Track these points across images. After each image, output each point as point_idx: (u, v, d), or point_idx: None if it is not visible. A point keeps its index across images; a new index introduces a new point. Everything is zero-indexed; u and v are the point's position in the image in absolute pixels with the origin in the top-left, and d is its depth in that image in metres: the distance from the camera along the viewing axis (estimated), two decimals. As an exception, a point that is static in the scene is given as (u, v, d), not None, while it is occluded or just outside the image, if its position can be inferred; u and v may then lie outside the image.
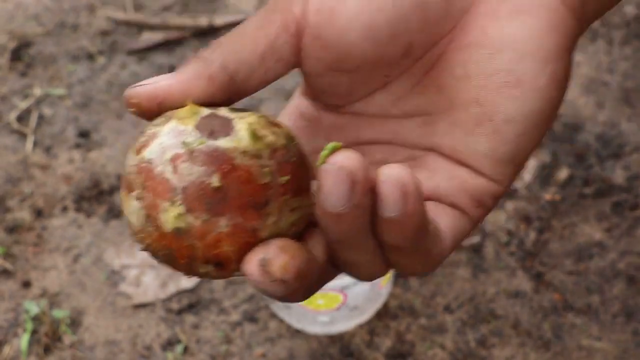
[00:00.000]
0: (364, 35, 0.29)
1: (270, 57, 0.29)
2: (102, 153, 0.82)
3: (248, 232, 0.26)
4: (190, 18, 0.94)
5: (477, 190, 0.30)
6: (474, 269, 0.70)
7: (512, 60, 0.29)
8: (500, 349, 0.65)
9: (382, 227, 0.26)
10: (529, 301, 0.68)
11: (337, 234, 0.26)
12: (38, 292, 0.71)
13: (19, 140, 0.83)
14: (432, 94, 0.31)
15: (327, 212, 0.25)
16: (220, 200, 0.25)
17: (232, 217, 0.26)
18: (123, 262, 0.73)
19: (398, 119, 0.31)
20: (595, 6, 0.31)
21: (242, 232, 0.26)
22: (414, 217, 0.25)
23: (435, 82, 0.31)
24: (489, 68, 0.29)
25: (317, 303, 0.57)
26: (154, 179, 0.26)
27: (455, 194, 0.30)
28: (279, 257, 0.25)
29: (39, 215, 0.77)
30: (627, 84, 0.83)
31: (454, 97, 0.30)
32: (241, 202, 0.26)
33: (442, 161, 0.30)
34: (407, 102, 0.31)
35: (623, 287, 0.68)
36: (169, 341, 0.67)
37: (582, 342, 0.65)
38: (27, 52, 0.92)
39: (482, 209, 0.30)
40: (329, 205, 0.25)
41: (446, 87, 0.30)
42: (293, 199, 0.27)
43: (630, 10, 0.90)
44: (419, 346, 0.65)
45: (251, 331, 0.67)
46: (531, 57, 0.29)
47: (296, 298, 0.27)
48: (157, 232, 0.26)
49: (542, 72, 0.29)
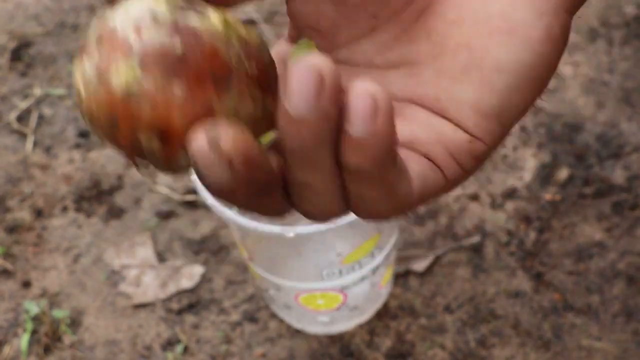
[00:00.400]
0: None
1: None
2: (102, 153, 0.82)
3: (202, 105, 0.24)
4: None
5: (456, 146, 0.28)
6: (474, 269, 0.70)
7: (507, 7, 0.28)
8: (500, 349, 0.65)
9: (346, 145, 0.23)
10: (529, 301, 0.68)
11: (295, 143, 0.23)
12: (38, 292, 0.71)
13: (19, 140, 0.83)
14: (421, 41, 0.29)
15: (289, 114, 0.23)
16: (179, 66, 0.24)
17: (189, 87, 0.24)
18: (123, 262, 0.73)
19: (382, 70, 0.30)
20: None
21: (196, 103, 0.24)
22: (382, 137, 0.23)
23: (425, 28, 0.29)
24: (482, 13, 0.28)
25: (317, 303, 0.57)
26: (113, 41, 0.24)
27: (431, 145, 0.28)
28: (230, 135, 0.23)
29: (39, 215, 0.77)
30: (627, 83, 0.83)
31: (442, 43, 0.29)
32: (200, 73, 0.24)
33: (422, 112, 0.29)
34: (393, 51, 0.30)
35: (623, 287, 0.68)
36: (169, 341, 0.67)
37: (582, 342, 0.65)
38: (27, 52, 0.92)
39: (458, 168, 0.28)
40: (291, 107, 0.23)
41: (436, 32, 0.29)
42: (256, 90, 0.25)
43: (630, 10, 0.90)
44: (419, 346, 0.65)
45: (251, 331, 0.67)
46: (526, 6, 0.28)
47: (236, 198, 0.25)
48: (105, 95, 0.24)
49: (537, 23, 0.28)
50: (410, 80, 0.29)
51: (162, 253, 0.73)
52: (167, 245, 0.74)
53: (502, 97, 0.28)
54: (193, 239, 0.74)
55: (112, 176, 0.80)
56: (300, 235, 0.46)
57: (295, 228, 0.47)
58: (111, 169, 0.80)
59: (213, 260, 0.72)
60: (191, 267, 0.72)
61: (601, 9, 0.90)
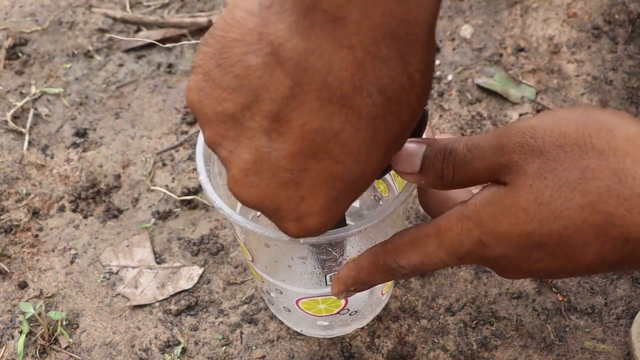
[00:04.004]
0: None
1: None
2: (99, 152, 0.81)
3: None
4: (189, 16, 0.93)
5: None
6: (476, 270, 0.69)
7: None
8: (503, 350, 0.64)
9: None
10: (532, 303, 0.67)
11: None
12: (34, 293, 0.71)
13: (15, 140, 0.83)
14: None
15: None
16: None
17: None
18: (120, 263, 0.72)
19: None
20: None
21: None
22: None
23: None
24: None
25: (319, 308, 0.57)
26: None
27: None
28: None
29: (35, 215, 0.76)
30: (632, 82, 0.82)
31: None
32: None
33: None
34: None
35: (627, 288, 0.67)
36: (168, 343, 0.66)
37: (585, 344, 0.64)
38: (23, 50, 0.92)
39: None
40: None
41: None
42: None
43: (635, 8, 0.89)
44: (420, 348, 0.65)
45: (250, 333, 0.67)
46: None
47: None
48: None
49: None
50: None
51: (160, 254, 0.73)
52: (166, 246, 0.73)
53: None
54: (191, 240, 0.73)
55: (110, 176, 0.79)
56: (309, 241, 0.45)
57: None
58: (108, 168, 0.79)
59: (212, 261, 0.71)
60: (190, 268, 0.71)
61: (605, 6, 0.90)
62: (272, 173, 0.36)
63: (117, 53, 0.90)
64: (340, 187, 0.36)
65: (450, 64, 0.86)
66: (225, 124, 0.36)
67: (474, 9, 0.91)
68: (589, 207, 0.34)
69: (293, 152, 0.35)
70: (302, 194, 0.36)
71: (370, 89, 0.33)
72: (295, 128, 0.34)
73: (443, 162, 0.39)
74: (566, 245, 0.35)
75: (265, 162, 0.35)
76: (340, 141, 0.34)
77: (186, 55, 0.90)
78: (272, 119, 0.34)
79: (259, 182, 0.36)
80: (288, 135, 0.34)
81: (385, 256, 0.42)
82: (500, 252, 0.37)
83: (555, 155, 0.35)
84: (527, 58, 0.86)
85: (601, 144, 0.34)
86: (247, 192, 0.37)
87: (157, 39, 0.91)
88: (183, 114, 0.84)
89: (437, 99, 0.83)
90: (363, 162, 0.35)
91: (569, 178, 0.34)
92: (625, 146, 0.34)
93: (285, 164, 0.35)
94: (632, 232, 0.34)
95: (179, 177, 0.78)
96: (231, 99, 0.35)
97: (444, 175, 0.39)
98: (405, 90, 0.33)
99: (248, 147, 0.36)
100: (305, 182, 0.36)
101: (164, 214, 0.75)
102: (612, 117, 0.35)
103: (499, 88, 0.83)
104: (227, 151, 0.37)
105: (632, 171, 0.33)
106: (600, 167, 0.34)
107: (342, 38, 0.32)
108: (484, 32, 0.89)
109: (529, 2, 0.91)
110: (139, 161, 0.80)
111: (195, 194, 0.77)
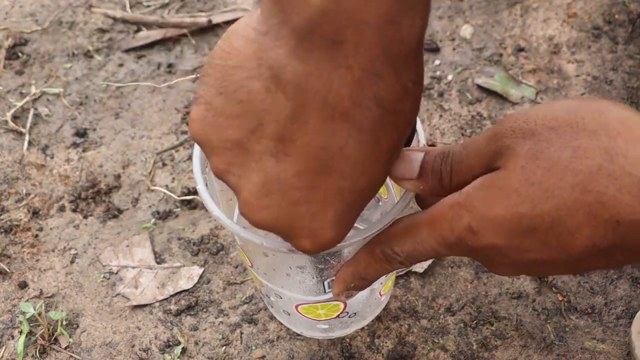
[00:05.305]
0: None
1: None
2: (99, 152, 0.81)
3: None
4: (189, 16, 0.93)
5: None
6: (476, 269, 0.69)
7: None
8: (503, 351, 0.64)
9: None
10: (532, 303, 0.67)
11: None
12: (34, 293, 0.71)
13: (15, 140, 0.83)
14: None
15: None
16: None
17: None
18: (120, 263, 0.72)
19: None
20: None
21: None
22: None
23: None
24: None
25: (318, 313, 0.57)
26: None
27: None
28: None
29: (35, 215, 0.76)
30: (632, 82, 0.82)
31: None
32: None
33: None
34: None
35: (627, 288, 0.67)
36: (168, 343, 0.66)
37: (585, 344, 0.64)
38: (23, 50, 0.92)
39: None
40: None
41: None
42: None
43: (635, 8, 0.89)
44: (420, 348, 0.65)
45: (250, 333, 0.67)
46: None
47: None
48: None
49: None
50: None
51: (160, 254, 0.73)
52: (165, 246, 0.73)
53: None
54: (191, 240, 0.73)
55: (110, 176, 0.79)
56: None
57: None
58: (108, 168, 0.79)
59: (212, 261, 0.71)
60: (190, 268, 0.71)
61: (605, 6, 0.90)
62: (282, 193, 0.36)
63: (117, 53, 0.90)
64: (349, 199, 0.37)
65: (450, 64, 0.86)
66: (232, 151, 0.37)
67: (474, 9, 0.91)
68: (580, 186, 0.34)
69: (301, 170, 0.36)
70: (314, 210, 0.37)
71: (369, 103, 0.34)
72: (300, 147, 0.35)
73: (442, 164, 0.40)
74: (557, 229, 0.35)
75: (275, 183, 0.36)
76: (345, 155, 0.35)
77: (186, 55, 0.90)
78: (277, 140, 0.35)
79: (271, 203, 0.37)
80: (294, 155, 0.35)
81: (381, 243, 0.42)
82: (490, 241, 0.37)
83: (547, 136, 0.35)
84: (527, 58, 0.86)
85: (593, 125, 0.35)
86: (260, 214, 0.37)
87: (157, 39, 0.91)
88: (183, 114, 0.84)
89: (437, 99, 0.83)
90: (368, 172, 0.36)
91: (560, 157, 0.35)
92: (617, 126, 0.34)
93: (294, 183, 0.36)
94: (623, 214, 0.34)
95: (179, 177, 0.78)
96: (236, 125, 0.36)
97: (442, 177, 0.40)
98: (401, 100, 0.35)
99: (256, 170, 0.36)
100: (315, 199, 0.36)
101: (164, 214, 0.75)
102: (605, 103, 0.36)
103: (499, 88, 0.83)
104: (236, 177, 0.37)
105: (623, 150, 0.33)
106: (592, 146, 0.34)
107: (340, 59, 0.33)
108: (484, 32, 0.89)
109: (529, 2, 0.91)
110: (139, 161, 0.80)
111: (195, 194, 0.76)
